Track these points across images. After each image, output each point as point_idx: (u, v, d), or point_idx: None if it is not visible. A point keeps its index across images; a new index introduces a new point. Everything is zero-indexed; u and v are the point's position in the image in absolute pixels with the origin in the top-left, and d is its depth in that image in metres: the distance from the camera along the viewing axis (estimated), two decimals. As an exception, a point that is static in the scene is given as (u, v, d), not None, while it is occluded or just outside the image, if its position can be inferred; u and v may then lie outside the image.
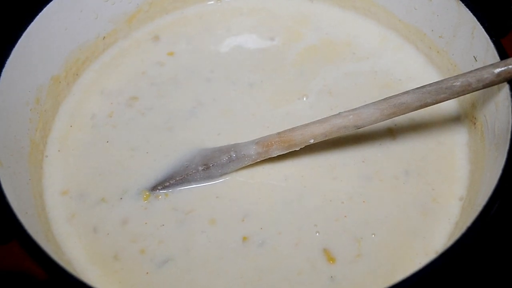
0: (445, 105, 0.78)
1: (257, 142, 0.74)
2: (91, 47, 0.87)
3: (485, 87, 0.68)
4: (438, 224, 0.72)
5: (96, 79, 0.87)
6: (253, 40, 0.92)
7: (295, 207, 0.74)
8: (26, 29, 0.75)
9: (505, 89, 0.69)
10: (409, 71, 0.86)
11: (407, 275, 0.56)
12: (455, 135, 0.79)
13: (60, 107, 0.84)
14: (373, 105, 0.70)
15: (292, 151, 0.75)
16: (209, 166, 0.75)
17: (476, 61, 0.75)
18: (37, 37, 0.77)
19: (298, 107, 0.83)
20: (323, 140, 0.73)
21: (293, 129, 0.73)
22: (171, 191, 0.75)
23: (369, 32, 0.91)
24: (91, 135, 0.81)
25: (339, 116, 0.71)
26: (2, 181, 0.65)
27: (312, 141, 0.72)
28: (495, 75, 0.66)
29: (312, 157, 0.77)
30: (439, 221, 0.72)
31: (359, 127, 0.71)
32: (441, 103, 0.70)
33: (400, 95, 0.69)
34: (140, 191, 0.75)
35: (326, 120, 0.72)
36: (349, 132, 0.72)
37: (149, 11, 0.92)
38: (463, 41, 0.78)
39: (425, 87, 0.69)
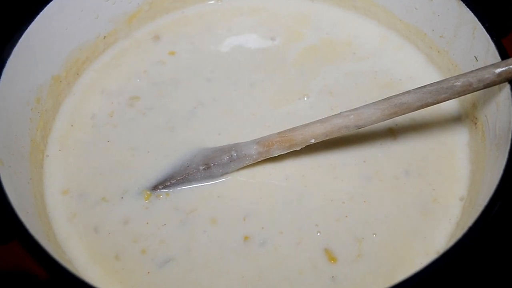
0: (446, 105, 0.78)
1: (258, 141, 0.74)
2: (91, 47, 0.87)
3: (486, 87, 0.68)
4: (439, 224, 0.72)
5: (96, 78, 0.87)
6: (254, 40, 0.92)
7: (296, 207, 0.74)
8: (26, 28, 0.75)
9: (506, 89, 0.69)
10: (409, 71, 0.86)
11: (408, 275, 0.56)
12: (456, 135, 0.79)
13: (60, 106, 0.84)
14: (374, 105, 0.70)
15: (293, 151, 0.75)
16: (210, 165, 0.75)
17: (477, 61, 0.75)
18: (37, 37, 0.77)
19: (298, 107, 0.83)
20: (324, 140, 0.73)
21: (294, 129, 0.73)
22: (172, 190, 0.75)
23: (369, 32, 0.91)
24: (91, 135, 0.81)
25: (340, 116, 0.71)
26: (3, 181, 0.65)
27: (313, 140, 0.72)
28: (496, 75, 0.66)
29: (312, 157, 0.77)
30: (440, 221, 0.72)
31: (360, 127, 0.71)
32: (442, 103, 0.70)
33: (401, 95, 0.69)
34: (141, 190, 0.75)
35: (327, 120, 0.72)
36: (350, 132, 0.72)
37: (150, 11, 0.92)
38: (464, 41, 0.78)
39: (426, 87, 0.69)
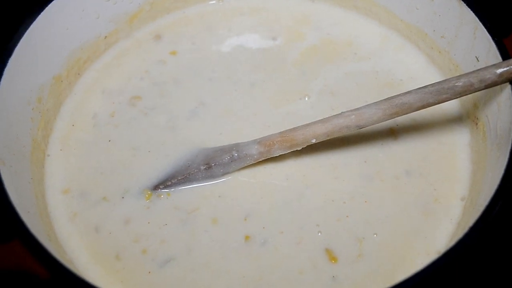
0: (447, 105, 0.78)
1: (259, 141, 0.74)
2: (92, 47, 0.87)
3: (487, 88, 0.68)
4: (439, 224, 0.72)
5: (97, 78, 0.87)
6: (255, 40, 0.92)
7: (297, 207, 0.74)
8: (27, 28, 0.75)
9: (507, 89, 0.69)
10: (410, 71, 0.86)
11: (408, 275, 0.56)
12: (457, 135, 0.79)
13: (61, 106, 0.84)
14: (375, 105, 0.70)
15: (293, 151, 0.75)
16: (211, 165, 0.75)
17: (478, 61, 0.75)
18: (38, 37, 0.77)
19: (299, 107, 0.83)
20: (325, 140, 0.73)
21: (295, 129, 0.73)
22: (173, 190, 0.75)
23: (370, 32, 0.91)
24: (92, 135, 0.81)
25: (341, 116, 0.71)
26: (4, 180, 0.65)
27: (314, 140, 0.72)
28: (497, 75, 0.66)
29: (313, 157, 0.77)
30: (440, 221, 0.72)
31: (361, 127, 0.71)
32: (443, 103, 0.70)
33: (402, 95, 0.69)
34: (141, 190, 0.75)
35: (328, 120, 0.72)
36: (351, 132, 0.72)
37: (151, 11, 0.92)
38: (465, 41, 0.78)
39: (427, 87, 0.69)
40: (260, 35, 0.92)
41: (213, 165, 0.75)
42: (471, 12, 0.76)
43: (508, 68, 0.66)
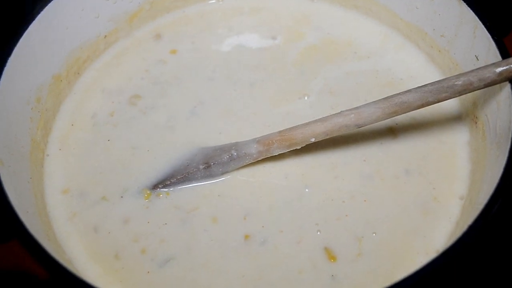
0: (446, 104, 0.78)
1: (258, 140, 0.74)
2: (92, 46, 0.87)
3: (487, 86, 0.68)
4: (439, 223, 0.72)
5: (97, 78, 0.87)
6: (254, 39, 0.92)
7: (296, 206, 0.74)
8: (27, 28, 0.75)
9: (506, 88, 0.69)
10: (410, 70, 0.86)
11: (407, 274, 0.56)
12: (456, 134, 0.79)
13: (61, 106, 0.84)
14: (374, 104, 0.70)
15: (293, 150, 0.75)
16: (210, 164, 0.75)
17: (477, 60, 0.75)
18: (38, 36, 0.77)
19: (299, 106, 0.83)
20: (324, 138, 0.72)
21: (294, 128, 0.73)
22: (172, 189, 0.75)
23: (370, 31, 0.91)
24: (92, 134, 0.81)
25: (340, 114, 0.71)
26: (3, 180, 0.65)
27: (313, 139, 0.72)
28: (496, 74, 0.66)
29: (313, 156, 0.77)
30: (440, 220, 0.72)
31: (360, 126, 0.71)
32: (443, 102, 0.70)
33: (401, 94, 0.69)
34: (140, 189, 0.75)
35: (327, 118, 0.71)
36: (350, 131, 0.72)
37: (150, 10, 0.92)
38: (465, 40, 0.78)
39: (427, 86, 0.68)
40: (260, 34, 0.92)
41: (212, 164, 0.75)
42: (471, 11, 0.76)
43: (507, 67, 0.66)
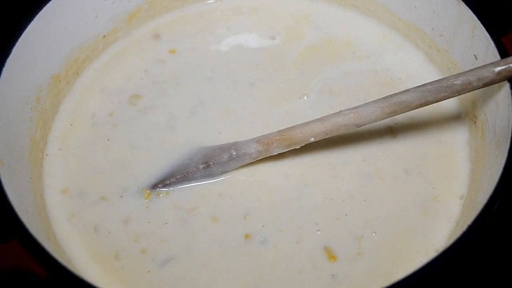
0: (446, 103, 0.78)
1: (258, 140, 0.74)
2: (91, 46, 0.87)
3: (486, 86, 0.68)
4: (438, 222, 0.72)
5: (96, 78, 0.87)
6: (254, 39, 0.92)
7: (296, 205, 0.74)
8: (26, 28, 0.75)
9: (505, 87, 0.69)
10: (409, 69, 0.86)
11: (407, 273, 0.56)
12: (456, 133, 0.79)
13: (60, 106, 0.84)
14: (373, 103, 0.70)
15: (292, 150, 0.75)
16: (209, 164, 0.75)
17: (476, 59, 0.75)
18: (37, 36, 0.77)
19: (298, 106, 0.83)
20: (323, 138, 0.72)
21: (293, 127, 0.73)
22: (172, 189, 0.75)
23: (369, 31, 0.91)
24: (91, 134, 0.81)
25: (339, 114, 0.71)
26: (2, 180, 0.65)
27: (312, 139, 0.72)
28: (495, 73, 0.66)
29: (312, 156, 0.77)
30: (439, 220, 0.72)
31: (359, 126, 0.71)
32: (442, 101, 0.70)
33: (400, 94, 0.69)
34: (140, 189, 0.75)
35: (326, 118, 0.71)
36: (350, 130, 0.72)
37: (149, 10, 0.92)
38: (464, 39, 0.78)
39: (426, 86, 0.69)
40: (259, 34, 0.92)
41: (211, 164, 0.75)
42: (470, 10, 0.76)
43: (506, 66, 0.66)
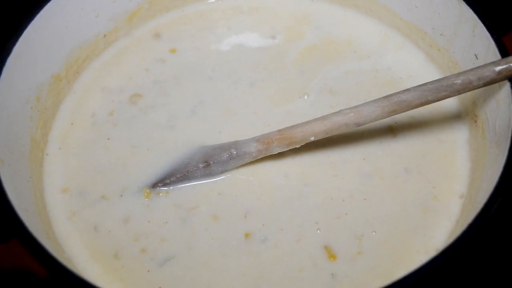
0: (446, 103, 0.78)
1: (258, 139, 0.74)
2: (91, 45, 0.87)
3: (486, 85, 0.68)
4: (438, 222, 0.72)
5: (97, 77, 0.87)
6: (254, 38, 0.92)
7: (296, 204, 0.74)
8: (26, 27, 0.75)
9: (506, 87, 0.69)
10: (410, 69, 0.86)
11: (407, 272, 0.56)
12: (456, 132, 0.79)
13: (60, 105, 0.84)
14: (373, 102, 0.70)
15: (292, 149, 0.74)
16: (209, 163, 0.75)
17: (477, 59, 0.75)
18: (37, 36, 0.77)
19: (298, 105, 0.83)
20: (324, 137, 0.72)
21: (293, 127, 0.73)
22: (172, 188, 0.75)
23: (370, 30, 0.91)
24: (91, 133, 0.81)
25: (339, 113, 0.71)
26: (2, 179, 0.65)
27: (312, 138, 0.72)
28: (496, 73, 0.66)
29: (312, 155, 0.77)
30: (439, 219, 0.72)
31: (359, 125, 0.71)
32: (442, 101, 0.69)
33: (400, 93, 0.69)
34: (140, 188, 0.75)
35: (326, 117, 0.71)
36: (350, 129, 0.72)
37: (150, 9, 0.92)
38: (464, 39, 0.78)
39: (426, 85, 0.68)
40: (259, 34, 0.92)
41: (211, 163, 0.75)
42: (470, 10, 0.76)
43: (507, 66, 0.66)
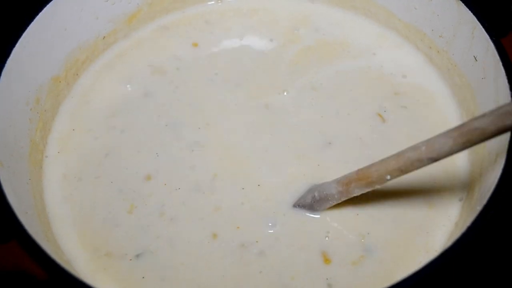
0: (446, 104, 0.78)
1: (338, 181, 0.70)
2: (91, 47, 0.87)
3: None
4: (437, 224, 0.72)
5: (96, 79, 0.87)
6: (254, 40, 0.91)
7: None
8: (26, 29, 0.75)
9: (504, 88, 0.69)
10: (408, 71, 0.86)
11: (407, 274, 0.56)
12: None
13: (60, 107, 0.83)
14: (444, 133, 0.61)
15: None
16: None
17: (476, 61, 0.75)
18: (37, 37, 0.77)
19: (279, 100, 0.83)
20: (399, 176, 0.65)
21: (368, 166, 0.67)
22: None
23: (369, 32, 0.91)
24: (91, 136, 0.81)
25: (412, 148, 0.63)
26: (2, 181, 0.65)
27: (388, 177, 0.65)
28: None
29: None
30: (438, 222, 0.72)
31: (434, 160, 0.62)
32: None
33: (472, 120, 0.59)
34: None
35: (399, 154, 0.64)
36: (425, 165, 0.63)
37: (149, 11, 0.92)
38: (463, 41, 0.78)
39: (504, 107, 0.56)
40: (258, 35, 0.92)
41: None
42: (469, 11, 0.76)
43: None
